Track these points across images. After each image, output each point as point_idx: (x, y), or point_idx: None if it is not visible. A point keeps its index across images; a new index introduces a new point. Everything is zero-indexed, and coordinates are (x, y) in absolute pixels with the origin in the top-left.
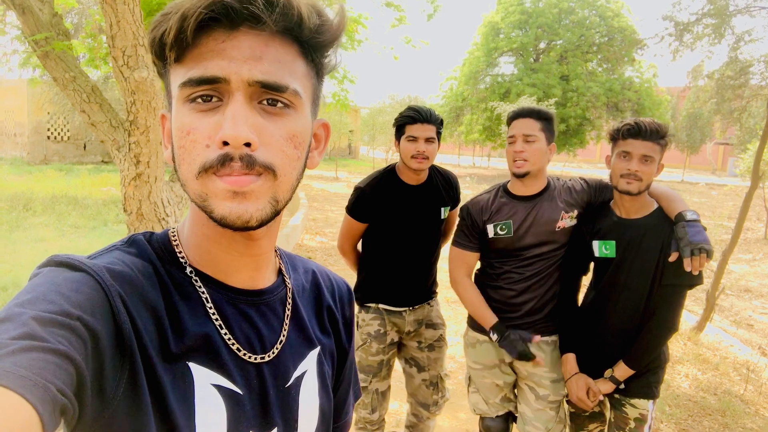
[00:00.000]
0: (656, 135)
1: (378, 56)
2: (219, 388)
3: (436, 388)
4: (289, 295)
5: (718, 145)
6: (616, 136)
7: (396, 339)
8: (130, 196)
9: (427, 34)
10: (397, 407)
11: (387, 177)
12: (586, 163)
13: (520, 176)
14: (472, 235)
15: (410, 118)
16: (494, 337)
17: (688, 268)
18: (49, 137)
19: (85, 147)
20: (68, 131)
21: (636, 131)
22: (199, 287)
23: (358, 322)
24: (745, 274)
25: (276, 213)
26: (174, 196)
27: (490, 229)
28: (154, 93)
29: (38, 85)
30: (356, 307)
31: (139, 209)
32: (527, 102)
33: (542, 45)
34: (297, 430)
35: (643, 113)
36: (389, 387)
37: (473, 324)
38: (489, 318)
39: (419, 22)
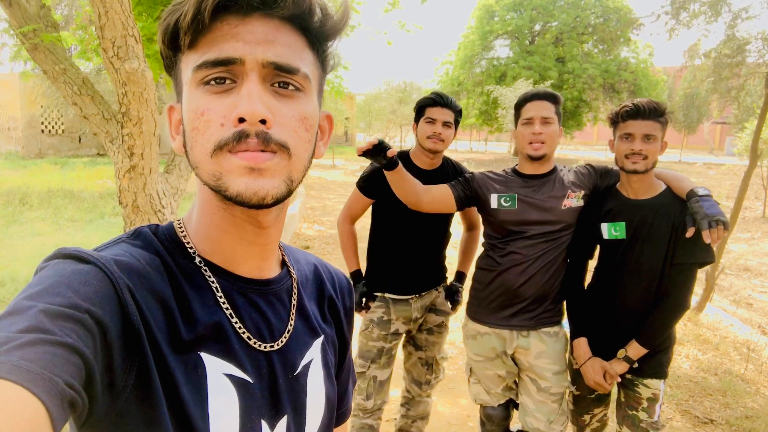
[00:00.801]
0: (655, 113)
1: (372, 42)
2: (231, 377)
3: (431, 369)
4: (295, 285)
5: (716, 124)
6: (616, 120)
7: (402, 330)
8: (125, 189)
9: (421, 18)
10: (398, 395)
11: (401, 158)
12: (584, 145)
13: (537, 159)
14: (460, 183)
15: (431, 100)
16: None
17: (707, 241)
18: (43, 131)
19: (80, 140)
20: (62, 124)
21: (635, 112)
22: (209, 276)
23: None
24: (744, 253)
25: (290, 192)
26: (169, 188)
27: (494, 199)
28: (146, 84)
29: (31, 79)
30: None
31: (134, 201)
32: (524, 85)
33: (537, 27)
34: (305, 417)
35: (640, 94)
36: (389, 378)
37: (473, 315)
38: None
39: (413, 5)
